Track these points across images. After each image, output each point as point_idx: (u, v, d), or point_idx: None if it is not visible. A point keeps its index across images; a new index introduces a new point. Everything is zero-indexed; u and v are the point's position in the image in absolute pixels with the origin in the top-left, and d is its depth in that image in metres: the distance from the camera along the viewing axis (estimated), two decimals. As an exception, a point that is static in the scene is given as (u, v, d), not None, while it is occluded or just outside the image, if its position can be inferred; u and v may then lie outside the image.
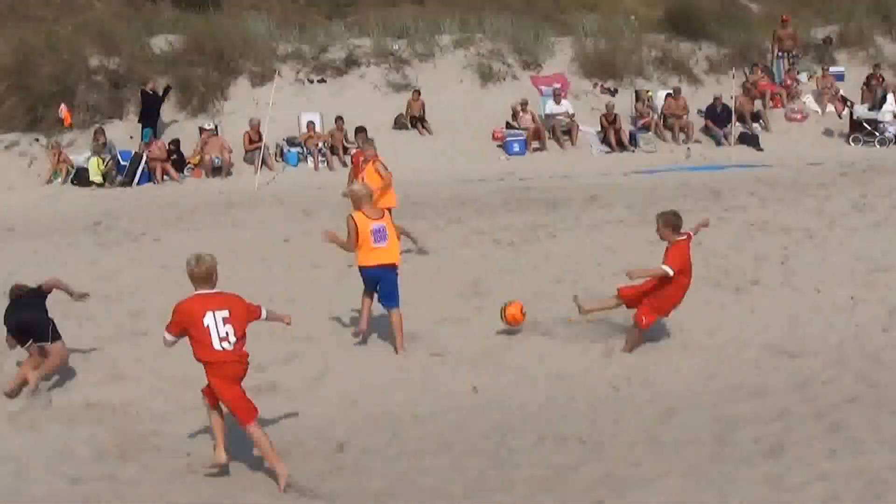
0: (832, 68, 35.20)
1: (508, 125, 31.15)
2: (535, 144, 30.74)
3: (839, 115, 33.27)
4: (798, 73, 34.94)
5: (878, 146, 31.06)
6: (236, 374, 10.01)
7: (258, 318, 10.48)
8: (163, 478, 10.13)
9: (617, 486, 9.37)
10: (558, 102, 31.67)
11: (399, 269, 13.92)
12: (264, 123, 28.34)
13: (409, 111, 31.37)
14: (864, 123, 31.56)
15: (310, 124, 29.88)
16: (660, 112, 32.40)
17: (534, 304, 15.20)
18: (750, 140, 31.54)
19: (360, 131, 20.43)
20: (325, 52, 33.19)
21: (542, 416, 11.34)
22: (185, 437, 11.13)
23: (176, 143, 28.72)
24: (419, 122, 31.16)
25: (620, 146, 31.09)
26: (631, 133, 31.62)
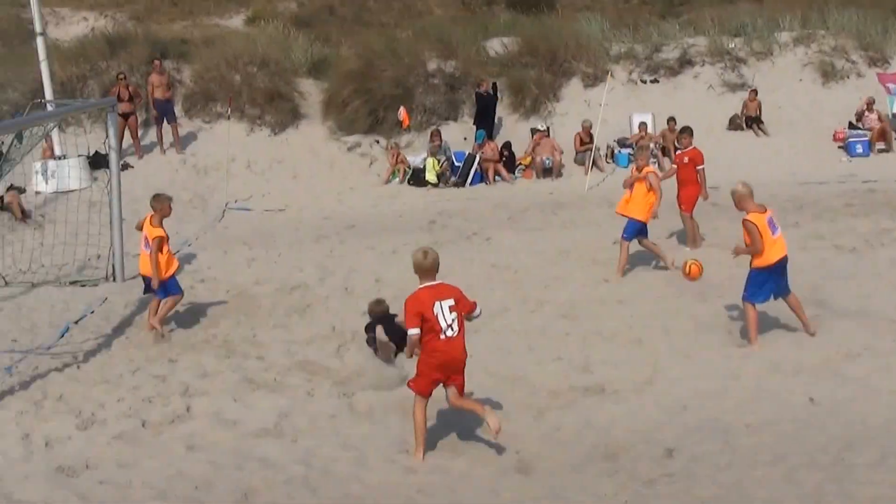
0: None
1: (851, 125, 29.82)
2: (881, 146, 29.23)
3: None
4: None
5: None
6: (450, 364, 10.44)
7: (471, 311, 10.75)
8: (493, 473, 10.22)
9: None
10: (907, 101, 30.08)
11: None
12: (596, 124, 28.27)
13: (744, 111, 30.58)
14: None
15: (641, 125, 29.61)
16: None
17: (877, 312, 14.51)
18: None
19: (685, 132, 20.04)
20: (658, 52, 32.86)
21: (885, 432, 10.65)
22: (515, 435, 11.13)
23: (507, 144, 29.07)
24: (755, 122, 30.31)
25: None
26: None
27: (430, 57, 32.24)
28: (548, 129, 30.08)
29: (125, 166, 26.73)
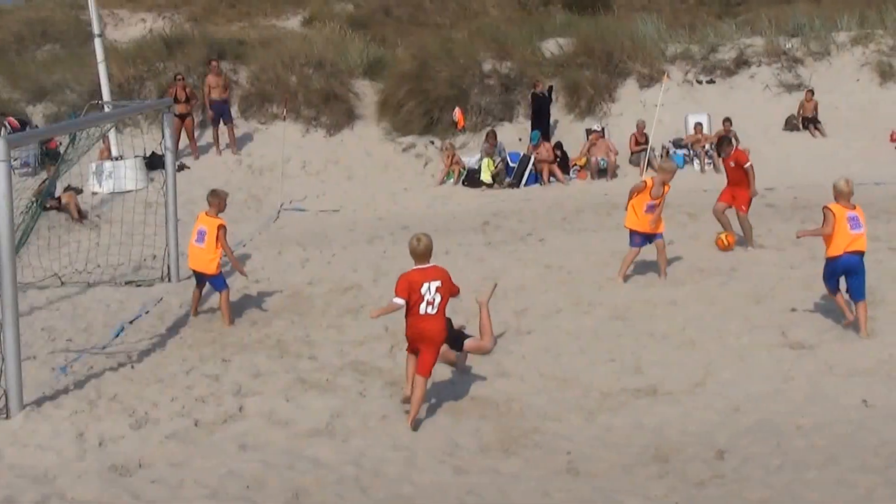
0: None
1: (909, 125, 29.52)
2: (939, 147, 28.90)
3: None
4: None
5: None
6: (425, 337, 11.55)
7: (454, 295, 11.96)
8: (544, 475, 10.21)
9: None
10: (965, 101, 29.69)
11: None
12: (651, 125, 28.15)
13: (801, 112, 30.32)
14: None
15: (697, 126, 29.44)
16: None
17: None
18: None
19: (723, 143, 20.17)
20: (714, 53, 32.66)
21: (940, 436, 10.55)
22: (566, 436, 11.17)
23: (559, 145, 29.02)
24: (812, 123, 30.04)
25: None
26: None
27: (486, 58, 32.25)
28: (603, 129, 30.01)
29: (181, 167, 26.96)
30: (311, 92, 31.70)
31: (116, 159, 27.03)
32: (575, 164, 28.94)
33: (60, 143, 25.20)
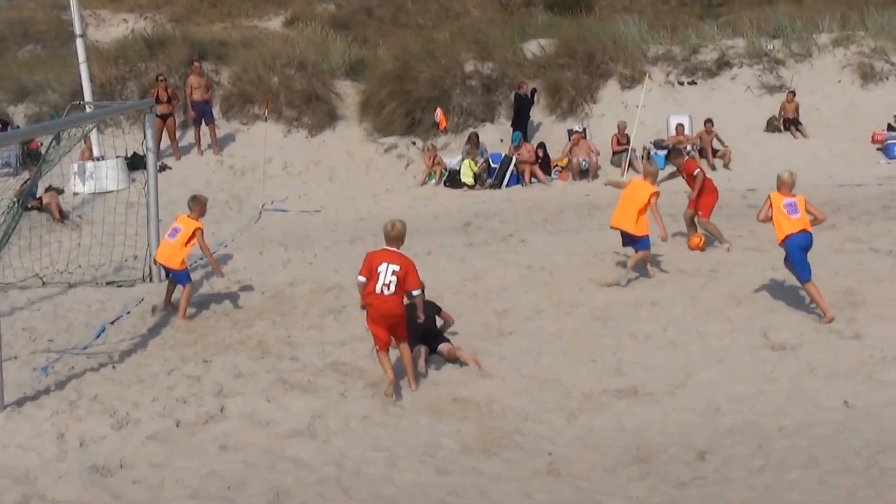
0: None
1: (890, 127, 29.58)
2: (920, 148, 29.01)
3: None
4: None
5: None
6: (380, 317, 12.36)
7: (412, 289, 12.47)
8: (525, 475, 10.21)
9: None
10: (946, 103, 29.82)
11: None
12: (632, 126, 28.20)
13: (782, 113, 30.40)
14: None
15: (679, 127, 29.49)
16: None
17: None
18: None
19: (673, 154, 20.72)
20: (696, 54, 32.71)
21: (921, 436, 10.59)
22: (547, 437, 11.18)
23: (542, 145, 29.04)
24: (793, 124, 30.12)
25: None
26: None
27: (467, 58, 32.25)
28: (584, 130, 30.03)
29: (163, 167, 26.89)
30: (293, 92, 31.65)
31: (98, 160, 26.91)
32: (556, 165, 28.94)
33: (42, 144, 25.11)
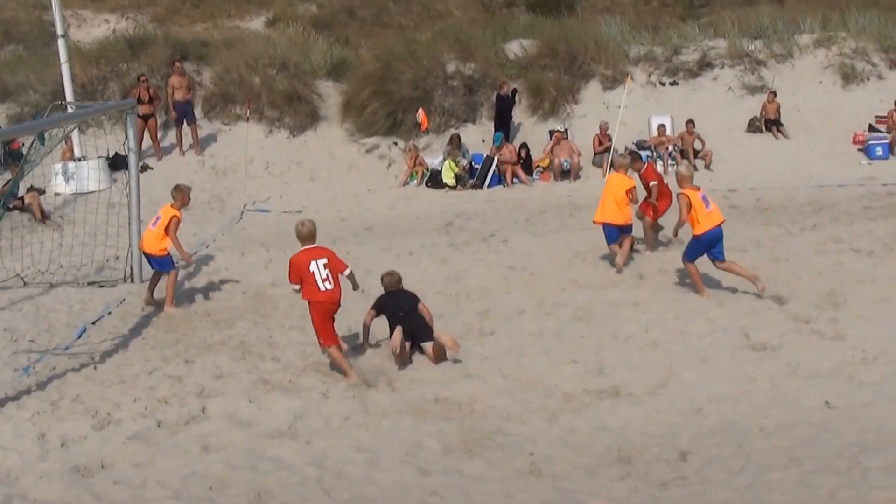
0: None
1: (872, 128, 29.70)
2: (901, 148, 29.12)
3: None
4: None
5: None
6: (332, 311, 13.10)
7: (343, 272, 13.25)
8: (506, 476, 10.20)
9: None
10: (927, 103, 29.96)
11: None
12: (614, 126, 28.25)
13: (763, 114, 30.50)
14: None
15: (660, 127, 29.54)
16: None
17: (895, 316, 14.51)
18: None
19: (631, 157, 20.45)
20: (677, 54, 32.80)
21: (901, 437, 10.62)
22: (529, 437, 11.16)
23: (525, 146, 29.06)
24: (774, 124, 30.23)
25: None
26: None
27: (449, 59, 32.27)
28: (566, 131, 30.07)
29: (144, 168, 26.85)
30: (275, 93, 31.63)
31: (79, 160, 26.86)
32: (538, 166, 28.98)
33: (23, 144, 25.02)
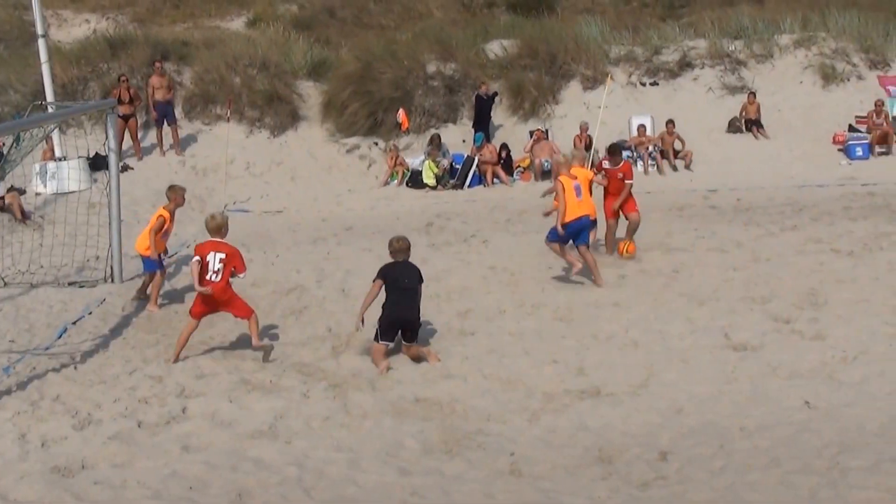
0: None
1: (851, 128, 29.83)
2: (881, 149, 29.21)
3: None
4: None
5: None
6: (211, 301, 13.87)
7: (242, 273, 14.06)
8: (487, 476, 10.20)
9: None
10: (908, 104, 30.15)
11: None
12: (594, 127, 28.30)
13: (744, 114, 30.59)
14: None
15: (640, 127, 29.62)
16: None
17: (875, 316, 14.55)
18: None
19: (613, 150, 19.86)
20: (657, 55, 32.89)
21: (881, 436, 10.63)
22: (509, 437, 11.17)
23: (505, 146, 29.10)
24: (754, 125, 30.33)
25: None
26: None
27: (430, 59, 32.29)
28: (547, 131, 30.11)
29: (125, 168, 26.78)
30: (255, 93, 31.59)
31: (60, 160, 26.74)
32: (518, 166, 29.02)
33: (3, 144, 24.91)
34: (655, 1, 42.99)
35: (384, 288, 13.81)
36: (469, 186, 28.21)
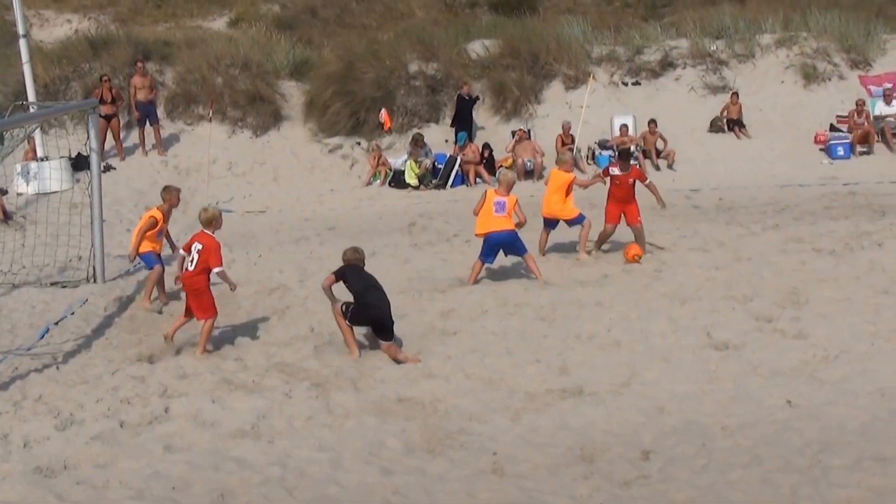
0: None
1: (833, 128, 29.94)
2: (862, 148, 29.32)
3: None
4: None
5: None
6: (186, 288, 14.49)
7: (214, 267, 14.29)
8: (469, 475, 10.20)
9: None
10: (889, 103, 30.28)
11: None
12: (577, 126, 28.34)
13: (725, 114, 30.66)
14: None
15: (623, 127, 29.65)
16: None
17: (856, 315, 14.60)
18: None
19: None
20: (640, 54, 32.92)
21: (862, 435, 10.69)
22: (491, 437, 11.17)
23: (486, 145, 29.12)
24: (736, 124, 30.41)
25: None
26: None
27: (412, 59, 32.25)
28: (529, 131, 30.13)
29: (107, 168, 26.71)
30: (237, 93, 31.52)
31: (42, 160, 26.66)
32: (501, 166, 29.02)
33: (-15, 144, 24.86)
34: (637, 1, 43.02)
35: (350, 289, 14.20)
36: (451, 186, 28.22)
